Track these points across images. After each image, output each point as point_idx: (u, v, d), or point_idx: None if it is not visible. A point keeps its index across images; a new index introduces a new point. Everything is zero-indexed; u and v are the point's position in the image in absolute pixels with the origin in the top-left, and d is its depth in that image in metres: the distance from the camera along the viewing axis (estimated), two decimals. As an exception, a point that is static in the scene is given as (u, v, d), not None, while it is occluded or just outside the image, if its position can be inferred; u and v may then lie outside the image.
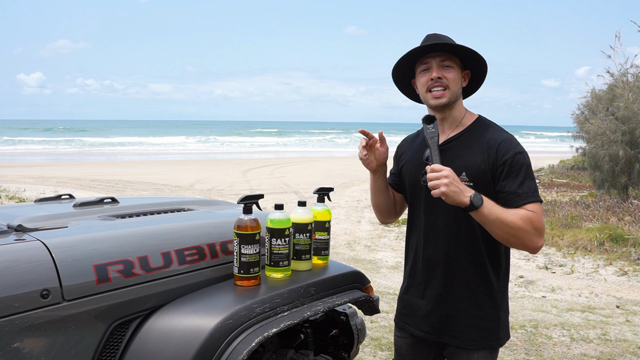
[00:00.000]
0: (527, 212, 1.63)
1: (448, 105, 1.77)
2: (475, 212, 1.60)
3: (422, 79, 1.78)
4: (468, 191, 1.58)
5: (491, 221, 1.60)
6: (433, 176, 1.58)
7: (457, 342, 1.79)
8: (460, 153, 1.75)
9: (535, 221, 1.63)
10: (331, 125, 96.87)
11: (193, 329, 1.49)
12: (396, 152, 2.03)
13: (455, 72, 1.75)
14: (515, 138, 1.75)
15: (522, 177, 1.67)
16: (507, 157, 1.69)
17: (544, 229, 1.66)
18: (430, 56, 1.75)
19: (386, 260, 6.48)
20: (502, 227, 1.61)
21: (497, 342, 1.80)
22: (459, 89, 1.78)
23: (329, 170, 18.53)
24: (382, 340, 3.87)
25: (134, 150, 30.96)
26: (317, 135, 54.45)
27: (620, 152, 9.39)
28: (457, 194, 1.56)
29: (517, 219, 1.61)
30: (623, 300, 5.11)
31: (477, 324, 1.77)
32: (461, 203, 1.58)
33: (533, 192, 1.67)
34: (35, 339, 1.33)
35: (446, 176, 1.56)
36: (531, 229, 1.62)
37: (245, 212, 1.71)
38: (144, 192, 12.12)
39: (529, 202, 1.65)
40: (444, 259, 1.78)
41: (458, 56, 1.77)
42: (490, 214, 1.59)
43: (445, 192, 1.56)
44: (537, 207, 1.65)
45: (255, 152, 32.11)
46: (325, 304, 1.77)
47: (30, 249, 1.41)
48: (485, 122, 1.82)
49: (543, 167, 18.22)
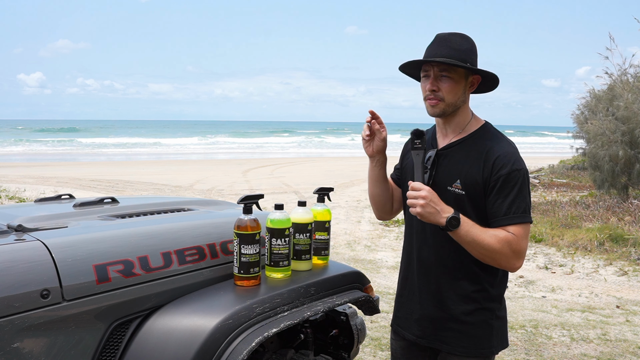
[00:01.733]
0: (507, 234, 1.62)
1: (444, 115, 1.74)
2: (452, 233, 1.61)
3: (422, 86, 1.76)
4: (446, 212, 1.59)
5: (467, 242, 1.62)
6: (411, 194, 1.60)
7: (448, 348, 1.77)
8: (458, 160, 1.73)
9: (513, 244, 1.62)
10: (331, 125, 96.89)
11: (193, 329, 1.49)
12: (404, 148, 1.98)
13: (451, 83, 1.69)
14: (516, 152, 1.71)
15: (513, 195, 1.64)
16: (503, 172, 1.65)
17: (523, 251, 1.65)
18: (430, 64, 1.71)
19: (386, 260, 6.48)
20: (477, 249, 1.63)
21: (490, 350, 1.77)
22: (458, 98, 1.72)
23: (329, 170, 18.53)
24: (382, 340, 3.87)
25: (147, 152, 30.47)
26: (317, 135, 54.45)
27: (620, 152, 9.39)
28: (432, 215, 1.59)
29: (494, 242, 1.61)
30: (623, 300, 5.11)
31: (468, 331, 1.75)
32: (437, 223, 1.60)
33: (521, 213, 1.64)
34: (35, 339, 1.33)
35: (423, 197, 1.58)
36: (508, 252, 1.62)
37: (245, 212, 1.71)
38: (144, 192, 12.11)
39: (514, 223, 1.63)
40: (437, 263, 1.77)
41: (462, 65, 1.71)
42: (467, 236, 1.61)
43: (420, 213, 1.59)
44: (519, 230, 1.64)
45: (255, 152, 32.11)
46: (325, 304, 1.77)
47: (30, 249, 1.41)
48: (490, 131, 1.78)
49: (543, 167, 18.21)
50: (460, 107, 1.75)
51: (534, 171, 16.71)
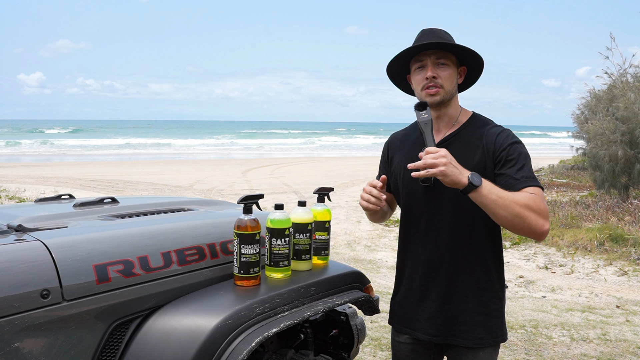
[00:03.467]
0: (528, 193, 1.61)
1: (443, 103, 1.76)
2: (474, 193, 1.56)
3: (417, 77, 1.76)
4: (465, 171, 1.57)
5: (492, 201, 1.56)
6: (430, 157, 1.55)
7: (464, 342, 1.77)
8: (459, 150, 1.73)
9: (538, 202, 1.59)
10: (331, 125, 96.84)
11: (193, 329, 1.49)
12: (385, 151, 1.99)
13: (450, 70, 1.74)
14: (511, 131, 1.76)
15: (520, 164, 1.67)
16: (506, 145, 1.70)
17: (547, 212, 1.63)
18: (426, 54, 1.73)
19: (386, 260, 6.48)
20: (504, 207, 1.56)
21: (502, 337, 1.80)
22: (454, 86, 1.77)
23: (329, 170, 18.53)
24: (382, 340, 3.87)
25: (148, 153, 30.25)
26: (317, 135, 54.43)
27: (620, 152, 9.38)
28: (455, 174, 1.54)
29: (520, 198, 1.58)
30: (623, 300, 5.11)
31: (484, 322, 1.76)
32: (459, 183, 1.55)
33: (532, 177, 1.66)
34: (35, 339, 1.33)
35: (443, 156, 1.54)
36: (536, 209, 1.58)
37: (245, 212, 1.71)
38: (144, 192, 12.12)
39: (529, 185, 1.63)
40: (448, 259, 1.77)
41: (454, 53, 1.75)
42: (490, 194, 1.56)
43: (444, 171, 1.53)
44: (538, 190, 1.63)
45: (255, 152, 32.10)
46: (325, 304, 1.77)
47: (30, 249, 1.41)
48: (481, 119, 1.82)
49: (543, 167, 18.21)
50: (453, 97, 1.79)
51: (534, 171, 16.70)
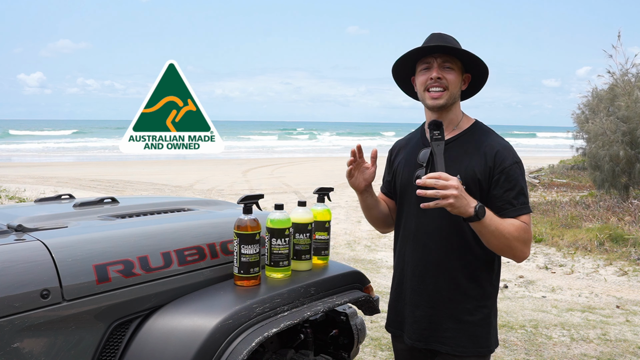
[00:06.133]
0: (521, 223, 1.66)
1: (445, 107, 1.75)
2: (476, 223, 1.59)
3: (422, 78, 1.76)
4: (472, 202, 1.57)
5: (490, 232, 1.61)
6: (441, 184, 1.52)
7: (446, 348, 1.75)
8: (456, 156, 1.73)
9: (527, 233, 1.68)
10: (332, 125, 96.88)
11: (193, 329, 1.49)
12: (389, 157, 1.99)
13: (455, 74, 1.74)
14: (512, 146, 1.76)
15: (518, 188, 1.69)
16: (505, 165, 1.70)
17: (531, 239, 1.72)
18: (432, 56, 1.74)
19: (386, 260, 6.48)
20: (499, 237, 1.62)
21: (488, 348, 1.77)
22: (458, 91, 1.77)
23: (329, 170, 18.52)
24: (382, 340, 3.87)
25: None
26: (317, 135, 54.42)
27: (621, 152, 9.38)
28: (463, 206, 1.54)
29: (514, 230, 1.64)
30: (623, 300, 5.11)
31: (467, 330, 1.74)
32: (466, 213, 1.56)
33: (527, 203, 1.71)
34: (35, 339, 1.33)
35: (455, 187, 1.52)
36: (523, 240, 1.66)
37: (245, 212, 1.71)
38: (144, 192, 12.12)
39: (524, 213, 1.68)
40: (435, 263, 1.76)
41: (460, 59, 1.75)
42: (490, 225, 1.60)
43: (453, 204, 1.53)
44: (528, 219, 1.69)
45: (255, 152, 32.10)
46: (325, 304, 1.77)
47: (30, 249, 1.41)
48: (483, 128, 1.81)
49: (543, 167, 18.20)
50: (456, 101, 1.79)
51: (534, 171, 16.70)
